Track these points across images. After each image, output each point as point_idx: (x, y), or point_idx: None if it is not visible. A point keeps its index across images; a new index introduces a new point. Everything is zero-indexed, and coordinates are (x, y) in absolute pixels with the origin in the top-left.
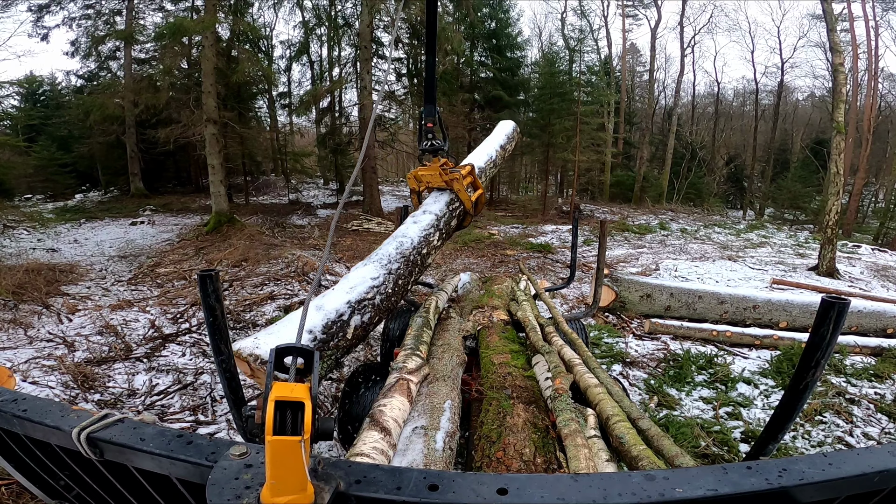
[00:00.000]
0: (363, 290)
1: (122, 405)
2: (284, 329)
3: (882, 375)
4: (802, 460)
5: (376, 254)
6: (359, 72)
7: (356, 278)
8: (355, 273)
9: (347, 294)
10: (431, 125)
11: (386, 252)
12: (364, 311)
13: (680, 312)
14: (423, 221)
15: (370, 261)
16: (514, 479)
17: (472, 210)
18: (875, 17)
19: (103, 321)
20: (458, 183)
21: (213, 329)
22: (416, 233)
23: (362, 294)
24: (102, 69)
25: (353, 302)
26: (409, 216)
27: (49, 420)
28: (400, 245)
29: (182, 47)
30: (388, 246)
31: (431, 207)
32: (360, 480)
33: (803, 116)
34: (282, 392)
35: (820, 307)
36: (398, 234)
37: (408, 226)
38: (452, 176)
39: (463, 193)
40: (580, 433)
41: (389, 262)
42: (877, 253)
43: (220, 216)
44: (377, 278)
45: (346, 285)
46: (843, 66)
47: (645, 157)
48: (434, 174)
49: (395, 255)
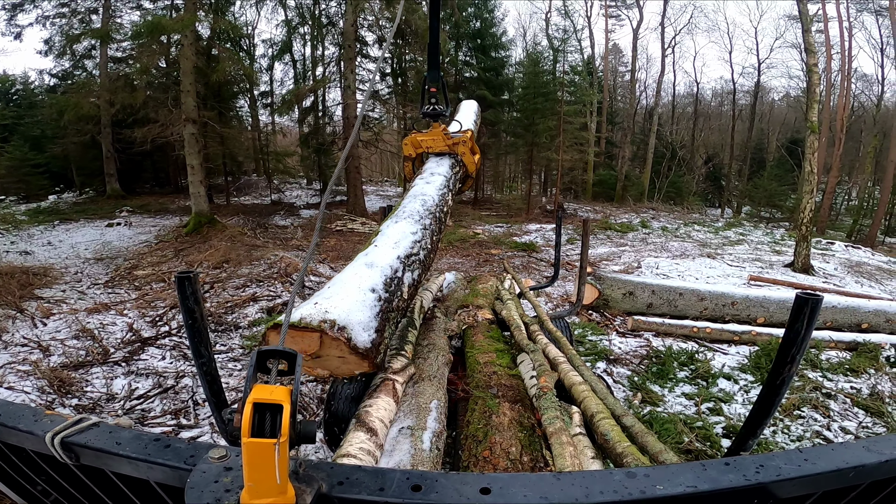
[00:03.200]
0: (408, 244)
1: (100, 410)
2: (339, 291)
3: (857, 370)
4: (779, 456)
5: (403, 211)
6: (342, 71)
7: (397, 234)
8: (393, 229)
9: (394, 250)
10: (435, 90)
11: (414, 208)
12: (413, 267)
13: (662, 309)
14: (436, 181)
15: (401, 217)
16: (497, 479)
17: (473, 173)
18: (849, 18)
19: (79, 325)
20: (462, 146)
21: (193, 332)
22: (433, 191)
23: (408, 249)
24: (77, 68)
25: (403, 257)
26: (417, 178)
27: (22, 425)
28: (424, 202)
29: (160, 46)
30: (413, 203)
31: (438, 170)
32: (342, 482)
33: (779, 116)
34: (261, 394)
35: (794, 304)
36: (416, 192)
37: (421, 186)
38: (456, 140)
39: (468, 156)
40: (565, 431)
41: (422, 218)
42: (850, 249)
43: (200, 217)
44: (416, 233)
45: (388, 241)
46: (817, 66)
47: (627, 156)
48: (437, 138)
49: (423, 212)
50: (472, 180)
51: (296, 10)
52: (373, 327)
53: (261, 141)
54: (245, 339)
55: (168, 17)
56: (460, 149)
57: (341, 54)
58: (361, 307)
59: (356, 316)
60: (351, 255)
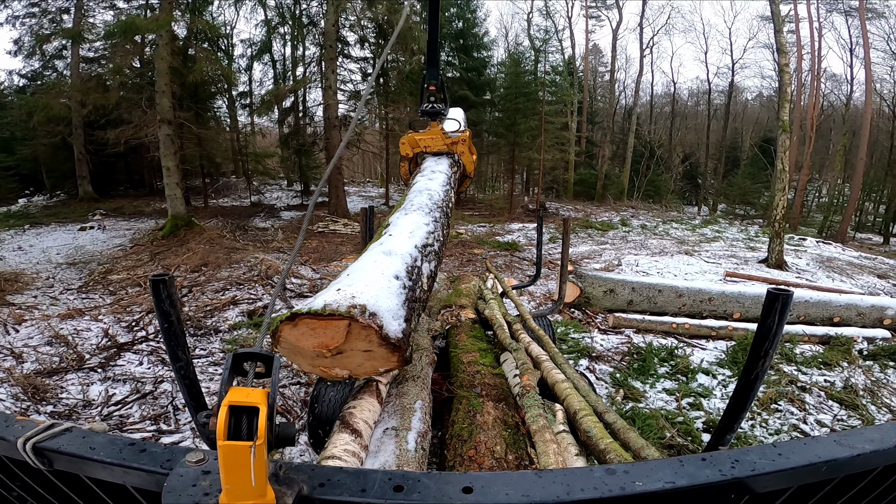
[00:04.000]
0: (422, 234)
1: (77, 416)
2: (361, 277)
3: (831, 363)
4: (753, 451)
5: (411, 204)
6: (323, 71)
7: (410, 224)
8: (405, 220)
9: (411, 238)
10: (434, 87)
11: (422, 201)
12: (430, 258)
13: (642, 306)
14: (438, 178)
15: (410, 210)
16: (480, 478)
17: (471, 173)
18: (819, 19)
19: (52, 331)
20: (461, 145)
21: (169, 335)
22: (437, 187)
23: (424, 239)
24: (47, 68)
25: (419, 247)
26: (418, 175)
27: None
28: (430, 196)
29: (134, 46)
30: (420, 196)
31: (438, 167)
32: (324, 483)
33: (752, 116)
34: (236, 397)
35: (766, 299)
36: (420, 188)
37: (424, 182)
38: (454, 139)
39: (466, 156)
40: (549, 429)
41: (431, 211)
42: (821, 245)
43: (176, 220)
44: (428, 224)
45: (402, 230)
46: (788, 66)
47: (606, 155)
48: (435, 137)
49: (432, 205)
50: (470, 181)
51: (276, 10)
52: (402, 316)
53: (240, 142)
54: (225, 343)
55: (143, 16)
56: (459, 148)
57: (322, 54)
58: (388, 294)
59: (384, 303)
60: (333, 257)
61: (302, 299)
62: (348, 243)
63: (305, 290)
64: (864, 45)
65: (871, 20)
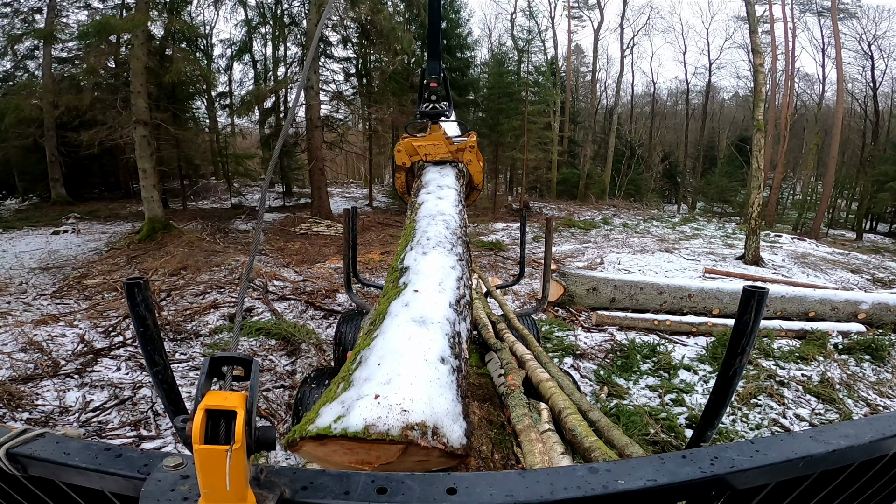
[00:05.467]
0: (452, 285)
1: (54, 423)
2: (400, 369)
3: (807, 357)
4: (732, 448)
5: (426, 237)
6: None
7: (435, 271)
8: (427, 264)
9: (441, 294)
10: (435, 84)
11: (439, 233)
12: (464, 315)
13: (624, 304)
14: (450, 196)
15: (429, 247)
16: (463, 479)
17: (479, 185)
18: (793, 19)
19: (26, 337)
20: (469, 152)
21: (145, 340)
22: (450, 209)
23: (456, 292)
24: (19, 69)
25: (454, 304)
26: (423, 192)
27: None
28: (447, 224)
29: (109, 46)
30: (436, 225)
31: (445, 181)
32: (306, 487)
33: (728, 115)
34: (214, 401)
35: (742, 297)
36: (432, 211)
37: (434, 202)
38: (460, 145)
39: (475, 164)
40: (534, 428)
41: (453, 246)
42: (796, 242)
43: (154, 223)
44: (455, 268)
45: (429, 282)
46: (763, 66)
47: (588, 154)
48: (438, 144)
49: (452, 238)
50: (478, 193)
51: (256, 10)
52: (460, 413)
53: (219, 143)
54: (206, 348)
55: (118, 16)
56: (466, 156)
57: (304, 54)
58: (440, 389)
59: (440, 404)
60: (317, 259)
61: (284, 301)
62: (332, 244)
63: (289, 292)
64: (836, 46)
65: (842, 20)
